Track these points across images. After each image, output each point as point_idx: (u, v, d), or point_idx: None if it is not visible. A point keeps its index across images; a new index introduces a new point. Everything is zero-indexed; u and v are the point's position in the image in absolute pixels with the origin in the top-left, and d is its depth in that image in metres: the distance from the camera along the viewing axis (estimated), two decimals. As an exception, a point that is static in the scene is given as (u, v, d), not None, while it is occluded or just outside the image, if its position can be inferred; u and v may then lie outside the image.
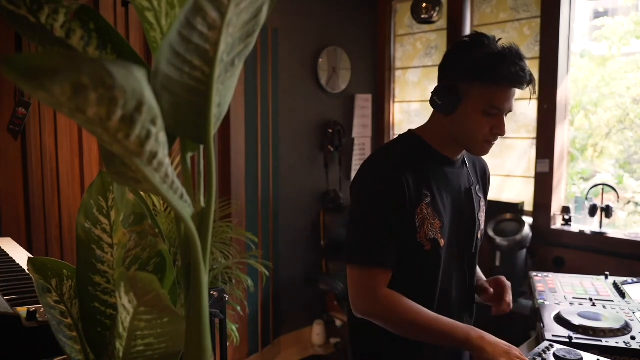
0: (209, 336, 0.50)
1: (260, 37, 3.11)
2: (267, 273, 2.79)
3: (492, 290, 1.42)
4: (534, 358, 1.17)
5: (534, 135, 3.25)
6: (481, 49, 1.22)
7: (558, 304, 1.49)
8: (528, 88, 1.24)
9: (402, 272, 1.27)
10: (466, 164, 1.40)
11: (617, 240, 2.92)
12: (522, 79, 1.20)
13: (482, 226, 1.43)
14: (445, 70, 1.29)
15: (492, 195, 3.48)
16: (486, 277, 1.53)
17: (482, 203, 1.43)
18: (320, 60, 3.58)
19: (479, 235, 1.41)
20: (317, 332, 3.58)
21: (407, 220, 1.24)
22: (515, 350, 1.16)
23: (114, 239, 0.64)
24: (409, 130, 1.38)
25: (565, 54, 3.13)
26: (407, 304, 1.22)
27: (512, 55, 1.20)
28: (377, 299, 1.23)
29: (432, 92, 1.30)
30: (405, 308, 1.21)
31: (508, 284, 1.42)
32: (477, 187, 1.41)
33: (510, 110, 1.25)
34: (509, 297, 1.40)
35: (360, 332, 1.39)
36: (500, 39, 1.26)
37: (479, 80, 1.20)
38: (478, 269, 1.50)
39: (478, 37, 1.25)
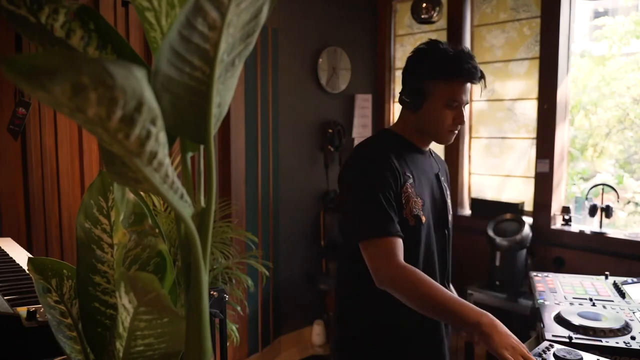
0: (209, 336, 0.50)
1: (260, 37, 3.11)
2: (267, 273, 2.79)
3: None
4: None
5: (534, 135, 3.25)
6: (439, 52, 1.42)
7: (558, 304, 1.49)
8: (480, 83, 1.45)
9: None
10: (432, 155, 1.61)
11: (617, 240, 2.92)
12: (475, 75, 1.41)
13: (451, 211, 1.60)
14: (409, 73, 1.49)
15: (492, 195, 3.51)
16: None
17: (448, 192, 1.60)
18: (320, 60, 3.58)
19: (449, 217, 1.57)
20: (317, 332, 3.58)
21: (396, 199, 1.40)
22: (522, 347, 1.18)
23: (114, 239, 0.64)
24: (384, 128, 1.63)
25: (565, 54, 3.13)
26: (426, 277, 1.31)
27: (466, 55, 1.41)
28: (399, 266, 1.32)
29: (399, 93, 1.52)
30: (424, 281, 1.30)
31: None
32: (443, 177, 1.60)
33: (467, 103, 1.45)
34: None
35: (347, 319, 1.53)
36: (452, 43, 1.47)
37: (441, 78, 1.41)
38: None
39: (434, 43, 1.46)
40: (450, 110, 1.43)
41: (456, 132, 1.47)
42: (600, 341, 1.25)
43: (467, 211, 3.58)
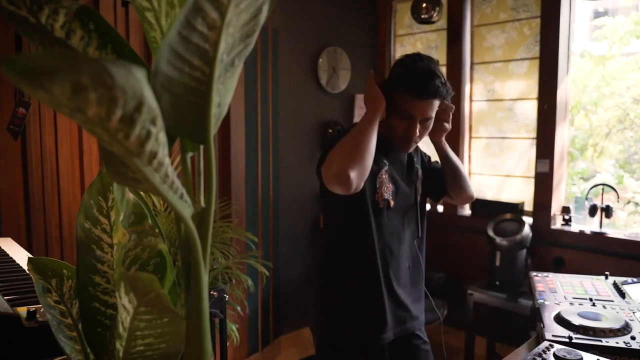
0: (209, 336, 0.50)
1: (260, 37, 3.11)
2: (267, 273, 2.79)
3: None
4: (534, 358, 1.16)
5: (534, 135, 3.25)
6: (402, 66, 1.53)
7: (558, 304, 1.49)
8: (441, 100, 1.53)
9: (359, 227, 1.56)
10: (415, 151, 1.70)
11: (617, 240, 2.92)
12: (427, 94, 1.48)
13: (420, 191, 1.71)
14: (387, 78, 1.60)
15: (492, 195, 3.51)
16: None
17: (420, 173, 1.71)
18: (320, 60, 3.58)
19: (419, 199, 1.69)
20: (317, 332, 3.57)
21: (370, 181, 1.51)
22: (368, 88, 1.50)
23: (114, 239, 0.64)
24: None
25: (565, 54, 3.13)
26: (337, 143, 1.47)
27: (427, 74, 1.48)
28: (328, 159, 1.47)
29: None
30: (338, 144, 1.46)
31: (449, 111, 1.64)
32: (416, 159, 1.70)
33: (427, 118, 1.52)
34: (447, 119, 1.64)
35: (327, 308, 1.65)
36: (433, 59, 1.55)
37: (395, 89, 1.51)
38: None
39: (405, 57, 1.56)
40: (403, 120, 1.52)
41: (412, 142, 1.56)
42: (600, 341, 1.25)
43: (467, 211, 3.58)
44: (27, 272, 1.19)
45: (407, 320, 1.65)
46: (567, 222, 3.15)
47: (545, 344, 1.23)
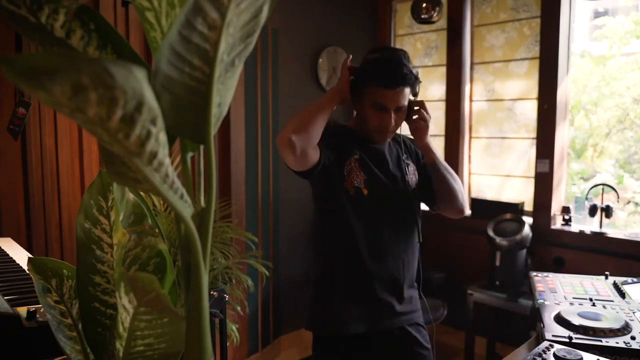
0: (209, 336, 0.50)
1: (260, 37, 3.11)
2: (267, 273, 2.79)
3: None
4: (534, 358, 1.16)
5: (534, 135, 3.25)
6: (369, 59, 1.54)
7: (558, 304, 1.48)
8: (409, 88, 1.52)
9: (332, 216, 1.58)
10: (402, 143, 1.69)
11: (617, 240, 2.92)
12: (397, 81, 1.48)
13: (414, 186, 1.67)
14: (353, 73, 1.58)
15: (492, 195, 3.51)
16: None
17: (412, 168, 1.68)
18: (320, 60, 3.58)
19: (409, 193, 1.64)
20: (317, 332, 3.57)
21: (337, 169, 1.54)
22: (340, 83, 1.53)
23: (114, 239, 0.64)
24: (342, 124, 1.72)
25: (565, 54, 3.13)
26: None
27: (392, 63, 1.49)
28: (289, 124, 1.49)
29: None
30: (294, 119, 1.49)
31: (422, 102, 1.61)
32: (405, 156, 1.68)
33: (399, 107, 1.52)
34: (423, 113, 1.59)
35: (319, 296, 1.66)
36: (400, 50, 1.56)
37: (365, 82, 1.52)
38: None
39: (373, 49, 1.59)
40: (376, 112, 1.53)
41: (388, 133, 1.57)
42: (600, 341, 1.25)
43: (467, 211, 3.58)
44: (27, 272, 1.19)
45: (386, 316, 1.61)
46: (567, 222, 3.15)
47: (545, 344, 1.22)
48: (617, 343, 1.24)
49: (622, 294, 1.58)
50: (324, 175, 1.53)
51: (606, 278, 1.73)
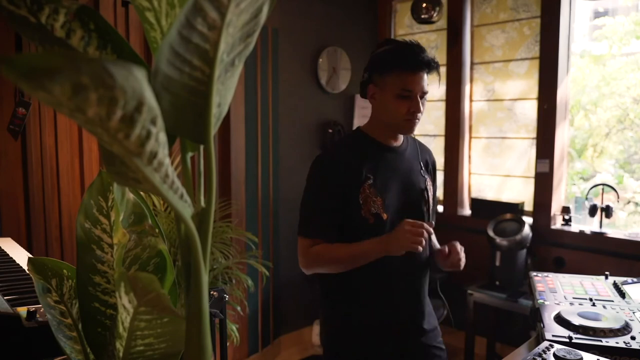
0: (209, 336, 0.50)
1: (260, 37, 3.11)
2: (267, 273, 2.79)
3: (446, 250, 1.59)
4: (534, 358, 1.16)
5: (534, 135, 3.25)
6: (387, 47, 1.51)
7: (558, 304, 1.48)
8: (429, 74, 1.51)
9: (353, 242, 1.50)
10: (415, 149, 1.65)
11: (617, 240, 2.92)
12: (422, 64, 1.47)
13: (432, 205, 1.65)
14: (367, 70, 1.56)
15: (492, 195, 3.51)
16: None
17: (429, 183, 1.65)
18: (320, 60, 3.58)
19: (426, 209, 1.62)
20: (317, 332, 3.58)
21: (351, 199, 1.49)
22: (408, 226, 1.39)
23: (114, 239, 0.64)
24: (358, 128, 1.65)
25: (565, 54, 3.13)
26: (329, 247, 1.50)
27: (413, 47, 1.48)
28: (309, 254, 1.52)
29: (361, 85, 1.59)
30: (327, 251, 1.49)
31: (460, 247, 1.61)
32: (422, 170, 1.64)
33: (424, 92, 1.50)
34: (461, 255, 1.59)
35: (333, 308, 1.62)
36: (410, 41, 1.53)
37: (389, 70, 1.48)
38: (434, 240, 1.74)
39: (386, 40, 1.56)
40: (403, 100, 1.48)
41: (415, 120, 1.52)
42: (600, 341, 1.25)
43: (467, 211, 3.58)
44: (27, 272, 1.19)
45: (412, 336, 1.60)
46: (567, 222, 3.15)
47: (545, 344, 1.22)
48: (617, 343, 1.24)
49: (622, 294, 1.58)
50: (344, 212, 1.51)
51: (606, 278, 1.73)
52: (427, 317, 1.64)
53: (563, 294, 1.57)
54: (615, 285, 1.66)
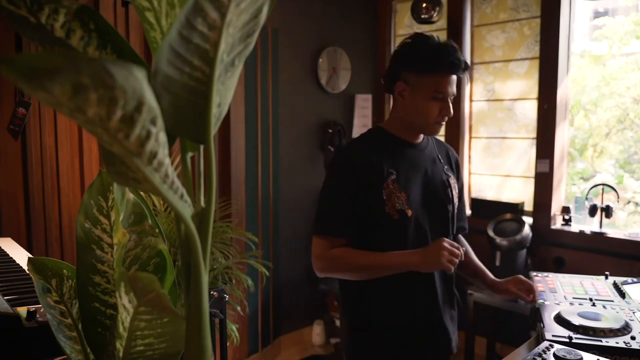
0: (209, 336, 0.50)
1: (260, 37, 3.11)
2: (267, 273, 2.79)
3: (515, 290, 1.56)
4: (534, 358, 1.16)
5: (534, 135, 3.25)
6: (423, 45, 1.44)
7: (558, 304, 1.48)
8: (464, 75, 1.47)
9: (377, 241, 1.46)
10: (434, 147, 1.61)
11: (617, 240, 2.92)
12: (458, 67, 1.42)
13: (456, 202, 1.60)
14: (396, 65, 1.49)
15: (492, 196, 3.51)
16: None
17: (453, 181, 1.60)
18: (320, 60, 3.58)
19: (450, 209, 1.57)
20: (317, 332, 3.58)
21: (374, 195, 1.44)
22: (444, 245, 1.34)
23: (114, 239, 0.64)
24: (376, 125, 1.63)
25: (565, 54, 3.13)
26: (352, 252, 1.44)
27: (450, 48, 1.42)
28: (328, 258, 1.46)
29: (383, 81, 1.53)
30: (349, 256, 1.44)
31: (531, 283, 1.57)
32: (445, 167, 1.60)
33: (454, 94, 1.46)
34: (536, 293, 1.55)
35: (352, 309, 1.57)
36: (437, 36, 1.48)
37: (425, 71, 1.42)
38: (479, 262, 1.68)
39: (419, 36, 1.47)
40: (436, 102, 1.44)
41: (443, 123, 1.50)
42: (600, 341, 1.25)
43: (467, 211, 3.58)
44: (27, 272, 1.19)
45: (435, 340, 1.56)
46: (567, 222, 3.15)
47: (545, 344, 1.22)
48: (617, 343, 1.24)
49: (622, 294, 1.58)
50: (361, 217, 1.46)
51: (606, 278, 1.73)
52: (451, 321, 1.60)
53: (563, 294, 1.57)
54: (615, 285, 1.66)
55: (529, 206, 3.29)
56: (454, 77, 1.44)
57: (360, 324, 1.55)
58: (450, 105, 1.45)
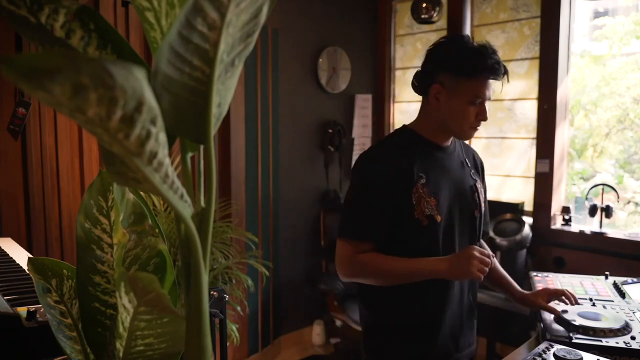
0: (209, 336, 0.50)
1: (260, 37, 3.11)
2: (267, 273, 2.79)
3: (544, 304, 1.48)
4: (534, 358, 1.16)
5: (534, 135, 3.25)
6: (463, 48, 1.39)
7: (558, 304, 1.48)
8: (503, 79, 1.42)
9: (404, 247, 1.41)
10: (461, 150, 1.57)
11: (617, 240, 2.92)
12: (499, 71, 1.38)
13: (483, 207, 1.55)
14: (431, 66, 1.43)
15: (492, 196, 3.50)
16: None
17: (479, 185, 1.55)
18: (320, 60, 3.58)
19: (477, 214, 1.52)
20: (317, 332, 3.58)
21: (403, 200, 1.39)
22: (475, 252, 1.30)
23: (114, 239, 0.64)
24: (403, 125, 1.54)
25: (565, 54, 3.13)
26: (379, 258, 1.39)
27: (489, 51, 1.37)
28: (354, 263, 1.41)
29: (415, 82, 1.47)
30: (376, 261, 1.39)
31: (560, 290, 1.51)
32: (472, 171, 1.55)
33: (490, 98, 1.42)
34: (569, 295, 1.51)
35: (373, 309, 1.52)
36: (472, 38, 1.46)
37: (465, 75, 1.37)
38: (502, 270, 1.63)
39: (457, 38, 1.44)
40: (473, 107, 1.40)
41: (478, 128, 1.45)
42: (600, 341, 1.25)
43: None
44: (27, 272, 1.19)
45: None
46: (567, 222, 3.15)
47: (545, 344, 1.22)
48: (617, 343, 1.24)
49: (622, 294, 1.58)
50: (389, 222, 1.41)
51: (606, 278, 1.73)
52: (470, 331, 1.56)
53: (563, 294, 1.57)
54: (615, 285, 1.66)
55: (529, 206, 3.29)
56: (491, 80, 1.39)
57: (380, 325, 1.51)
58: (487, 109, 1.41)
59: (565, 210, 3.15)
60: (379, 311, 1.51)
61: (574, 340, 1.26)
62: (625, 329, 1.30)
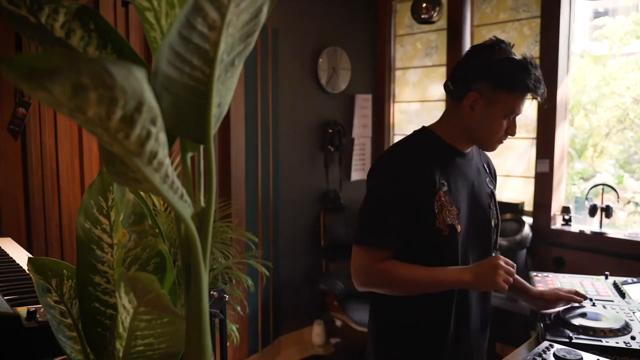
0: (209, 336, 0.50)
1: (260, 37, 3.11)
2: (267, 273, 2.79)
3: (552, 304, 1.48)
4: (534, 358, 1.16)
5: (534, 135, 3.25)
6: (508, 59, 1.31)
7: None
8: (540, 96, 1.36)
9: (422, 257, 1.34)
10: (479, 157, 1.52)
11: (617, 240, 2.92)
12: (540, 90, 1.32)
13: (498, 215, 1.51)
14: (470, 72, 1.35)
15: (492, 195, 3.50)
16: None
17: (495, 193, 1.52)
18: (320, 60, 3.58)
19: (493, 224, 1.48)
20: (317, 332, 3.58)
21: (425, 208, 1.32)
22: (500, 262, 1.29)
23: (114, 239, 0.64)
24: (423, 127, 1.47)
25: (565, 54, 3.13)
26: (399, 266, 1.33)
27: (533, 67, 1.31)
28: (373, 271, 1.34)
29: (450, 85, 1.38)
30: (396, 270, 1.32)
31: (562, 294, 1.49)
32: (488, 179, 1.51)
33: (521, 113, 1.37)
34: (573, 295, 1.50)
35: (382, 311, 1.47)
36: (513, 45, 1.36)
37: (506, 88, 1.31)
38: (517, 276, 1.56)
39: (501, 47, 1.33)
40: (507, 121, 1.35)
41: (504, 141, 1.41)
42: (600, 341, 1.25)
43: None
44: (27, 272, 1.19)
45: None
46: (567, 222, 3.15)
47: (545, 344, 1.22)
48: (617, 343, 1.24)
49: (622, 294, 1.58)
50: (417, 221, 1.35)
51: (606, 278, 1.73)
52: (483, 341, 1.53)
53: (563, 294, 1.57)
54: (615, 285, 1.66)
55: (529, 206, 3.30)
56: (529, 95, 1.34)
57: (388, 330, 1.46)
58: (516, 124, 1.37)
59: (565, 210, 3.15)
60: (392, 314, 1.46)
61: (574, 340, 1.26)
62: (625, 329, 1.30)
